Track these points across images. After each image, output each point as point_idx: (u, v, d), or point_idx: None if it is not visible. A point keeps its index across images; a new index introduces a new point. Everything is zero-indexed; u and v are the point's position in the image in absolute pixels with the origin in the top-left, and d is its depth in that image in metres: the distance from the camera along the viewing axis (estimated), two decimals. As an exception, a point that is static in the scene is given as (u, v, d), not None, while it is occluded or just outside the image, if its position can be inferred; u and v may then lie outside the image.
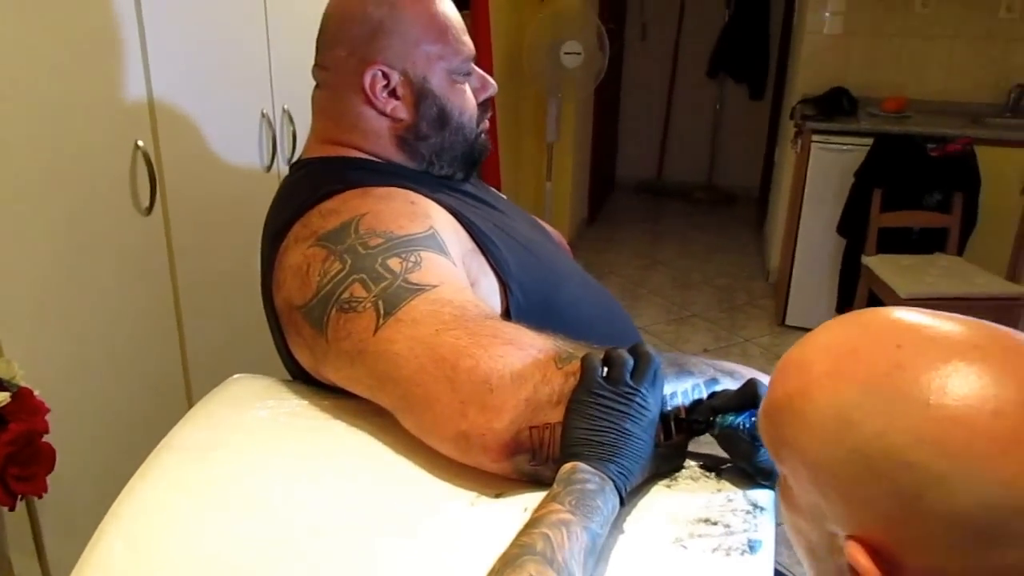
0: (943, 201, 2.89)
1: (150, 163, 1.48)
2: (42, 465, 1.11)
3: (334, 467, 0.82)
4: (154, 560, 0.74)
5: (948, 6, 3.46)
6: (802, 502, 0.53)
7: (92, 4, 1.33)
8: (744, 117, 5.40)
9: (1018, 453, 0.43)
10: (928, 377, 0.46)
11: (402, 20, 0.99)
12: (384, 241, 0.85)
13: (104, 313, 1.43)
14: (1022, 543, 0.43)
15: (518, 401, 0.74)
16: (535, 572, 0.60)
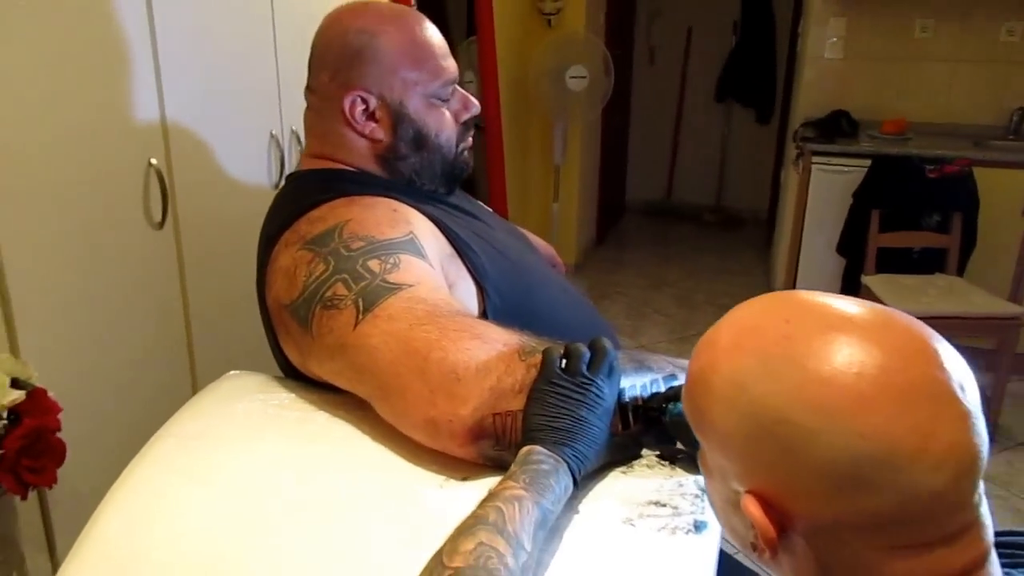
0: (942, 222, 2.93)
1: (162, 180, 1.56)
2: (52, 459, 1.18)
3: (315, 453, 0.89)
4: (146, 535, 0.81)
5: (948, 30, 3.52)
6: (713, 466, 0.59)
7: (108, 31, 1.42)
8: (752, 140, 5.47)
9: (875, 410, 0.49)
10: (807, 346, 0.52)
11: (379, 48, 1.06)
12: (365, 244, 0.92)
13: (117, 320, 1.50)
14: (881, 490, 0.48)
15: (482, 390, 0.81)
16: (485, 539, 0.66)
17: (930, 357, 0.51)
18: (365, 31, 1.06)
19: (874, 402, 0.49)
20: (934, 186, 2.91)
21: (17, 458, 1.13)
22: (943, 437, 0.49)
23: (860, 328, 0.52)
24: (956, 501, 0.50)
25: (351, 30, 1.07)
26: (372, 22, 1.07)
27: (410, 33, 1.08)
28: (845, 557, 0.51)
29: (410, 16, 1.11)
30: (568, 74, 3.60)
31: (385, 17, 1.08)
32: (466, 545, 0.66)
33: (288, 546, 0.78)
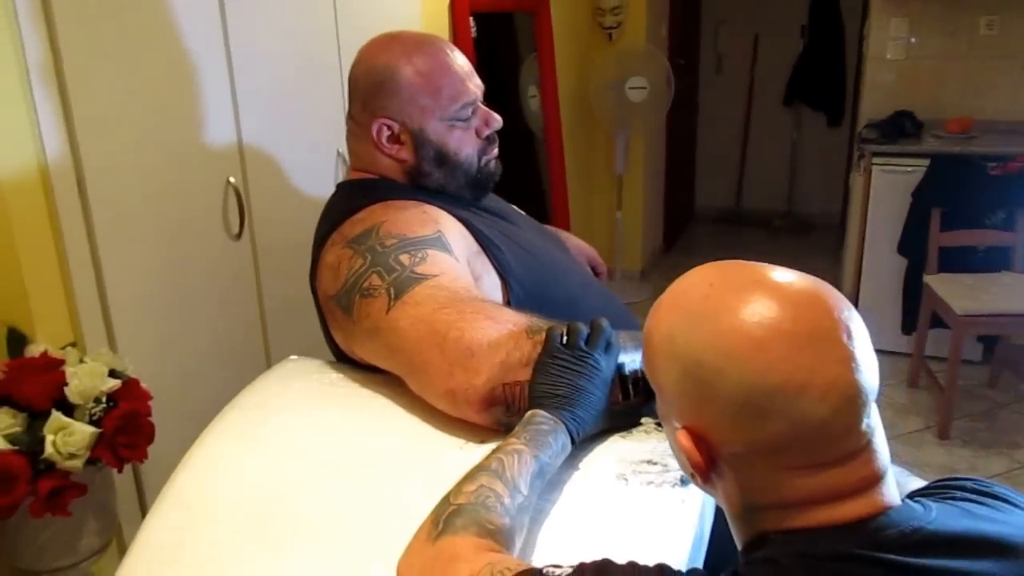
0: (1007, 219, 2.89)
1: (239, 196, 1.74)
2: (143, 437, 1.35)
3: (356, 421, 1.03)
4: (213, 485, 0.96)
5: (1015, 28, 3.45)
6: (662, 411, 0.69)
7: (191, 66, 1.61)
8: (822, 144, 5.43)
9: (769, 351, 0.58)
10: (721, 303, 0.62)
11: (399, 81, 1.19)
12: (397, 242, 1.05)
13: (200, 320, 1.69)
14: (777, 418, 0.58)
15: (493, 364, 0.93)
16: (485, 482, 0.78)
17: (821, 310, 0.61)
18: (387, 66, 1.20)
19: (768, 345, 0.59)
20: (997, 183, 2.87)
21: (114, 436, 1.31)
22: (826, 374, 0.58)
23: (767, 288, 0.62)
24: (842, 428, 0.59)
25: (375, 65, 1.21)
26: (393, 56, 1.20)
27: (428, 64, 1.19)
28: (758, 478, 0.61)
29: (431, 46, 1.22)
30: (628, 85, 3.70)
31: (407, 50, 1.21)
32: (468, 487, 0.78)
33: (332, 495, 0.92)
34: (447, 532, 0.73)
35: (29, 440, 1.27)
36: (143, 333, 1.56)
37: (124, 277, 1.51)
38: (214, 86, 1.67)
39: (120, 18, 1.45)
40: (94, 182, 1.44)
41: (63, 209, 1.41)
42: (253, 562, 0.87)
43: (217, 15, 1.65)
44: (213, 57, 1.65)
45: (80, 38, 1.38)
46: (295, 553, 0.87)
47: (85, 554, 1.41)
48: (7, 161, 1.32)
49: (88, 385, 1.32)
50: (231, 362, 1.76)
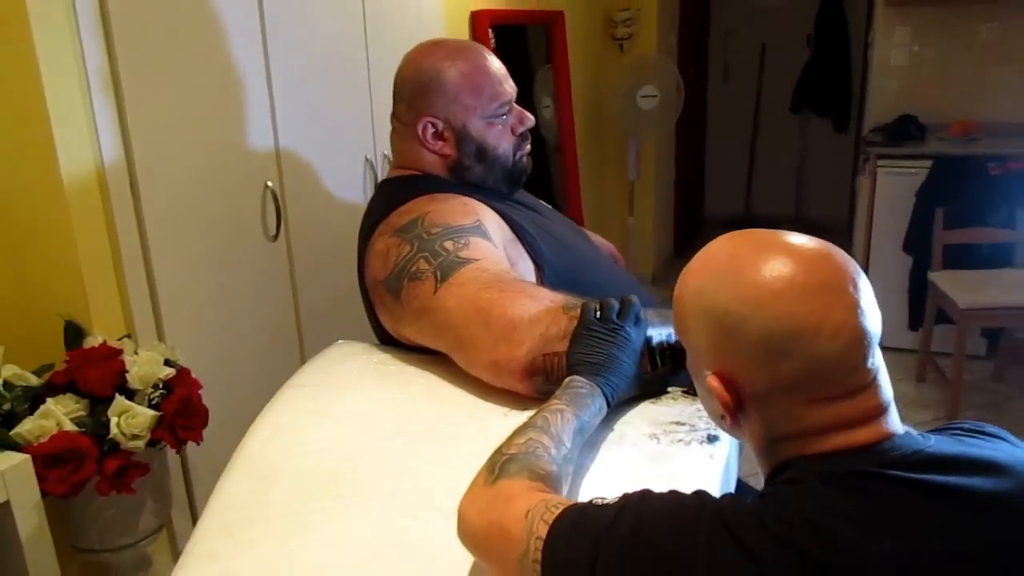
0: (1008, 217, 2.97)
1: (277, 199, 1.85)
2: (199, 420, 1.45)
3: (407, 394, 1.12)
4: (279, 453, 1.05)
5: (1014, 32, 3.55)
6: (693, 365, 0.78)
7: (234, 76, 1.72)
8: (829, 150, 5.52)
9: (786, 300, 0.68)
10: (744, 262, 0.71)
11: (444, 82, 1.29)
12: (442, 230, 1.15)
13: (241, 316, 1.79)
14: (795, 357, 0.67)
15: (534, 336, 1.02)
16: (533, 436, 0.87)
17: (830, 265, 0.70)
18: (433, 68, 1.31)
19: (785, 295, 0.68)
20: (998, 183, 2.96)
21: (173, 419, 1.40)
22: (836, 318, 0.68)
23: (782, 248, 0.71)
24: (850, 365, 0.68)
25: (422, 68, 1.32)
26: (438, 60, 1.31)
27: (470, 66, 1.31)
28: (779, 412, 0.70)
29: (471, 51, 1.34)
30: (639, 94, 3.80)
31: (450, 54, 1.32)
32: (518, 439, 0.87)
33: (388, 459, 1.01)
34: (503, 476, 0.82)
35: (92, 424, 1.37)
36: (189, 327, 1.66)
37: (172, 274, 1.61)
38: (254, 95, 1.77)
39: (170, 31, 1.56)
40: (145, 184, 1.54)
41: (118, 209, 1.51)
42: (324, 514, 0.96)
43: (258, 30, 1.76)
44: (253, 69, 1.76)
45: (134, 49, 1.48)
46: (361, 506, 0.96)
47: (144, 533, 1.50)
48: (69, 163, 1.42)
49: (147, 372, 1.41)
50: (268, 356, 1.86)
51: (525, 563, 0.73)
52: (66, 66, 1.41)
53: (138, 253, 1.56)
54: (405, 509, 0.95)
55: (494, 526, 0.78)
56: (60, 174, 1.42)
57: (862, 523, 0.63)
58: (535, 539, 0.73)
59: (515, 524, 0.76)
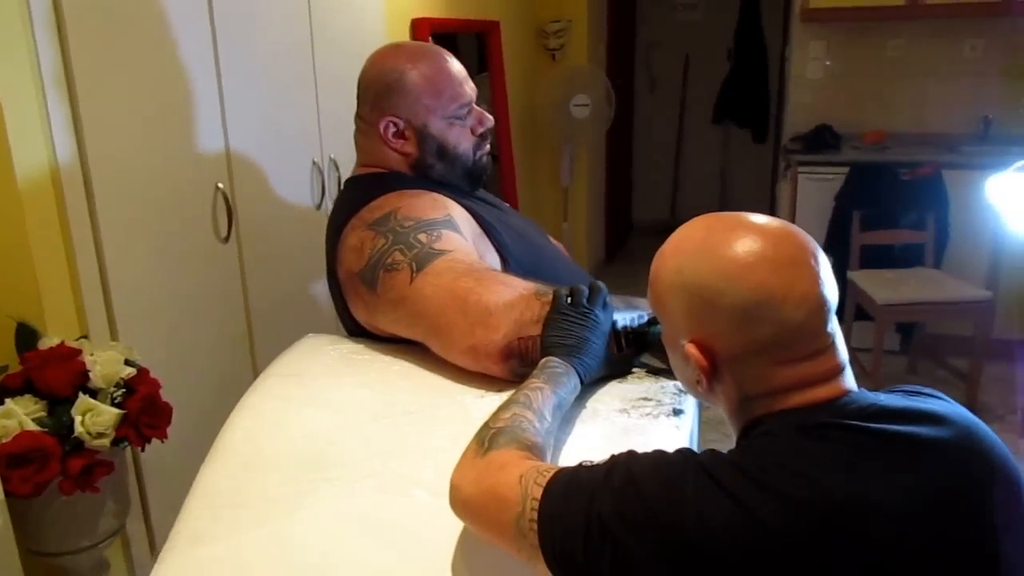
0: (918, 220, 3.19)
1: (228, 201, 1.85)
2: (163, 418, 1.45)
3: (384, 380, 1.17)
4: (262, 440, 1.08)
5: (918, 48, 3.82)
6: (669, 337, 0.86)
7: (187, 80, 1.73)
8: (749, 159, 5.77)
9: (757, 272, 0.76)
10: (718, 240, 0.79)
11: (405, 83, 1.35)
12: (415, 223, 1.20)
13: (192, 318, 1.79)
14: (765, 323, 0.76)
15: (510, 321, 1.08)
16: (518, 411, 0.93)
17: (794, 242, 0.79)
18: (395, 69, 1.36)
19: (757, 268, 0.76)
20: (909, 188, 3.18)
21: (138, 416, 1.40)
22: (800, 288, 0.76)
23: (751, 228, 0.80)
24: (812, 330, 0.77)
25: (384, 69, 1.37)
26: (400, 62, 1.37)
27: (431, 68, 1.36)
28: (751, 374, 0.78)
29: (433, 53, 1.39)
30: (572, 103, 3.91)
31: (412, 56, 1.37)
32: (504, 414, 0.93)
33: (371, 441, 1.05)
34: (493, 448, 0.87)
35: (53, 424, 1.36)
36: (141, 328, 1.65)
37: (125, 275, 1.60)
38: (205, 97, 1.78)
39: (123, 32, 1.56)
40: (99, 185, 1.53)
41: (72, 210, 1.50)
42: (311, 495, 1.00)
43: (208, 34, 1.77)
44: (204, 71, 1.77)
45: (88, 49, 1.48)
46: (348, 487, 1.00)
47: (104, 535, 1.49)
48: (23, 164, 1.41)
49: (110, 371, 1.41)
50: (219, 357, 1.87)
51: (522, 523, 0.79)
52: (20, 65, 1.40)
53: (92, 254, 1.55)
54: (391, 487, 1.00)
55: (489, 492, 0.83)
56: (14, 173, 1.40)
57: (829, 466, 0.72)
58: (531, 500, 0.79)
59: (510, 489, 0.81)
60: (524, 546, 0.79)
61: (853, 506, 0.69)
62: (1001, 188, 1.06)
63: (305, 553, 0.96)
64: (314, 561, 0.95)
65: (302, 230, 2.19)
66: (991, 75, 3.73)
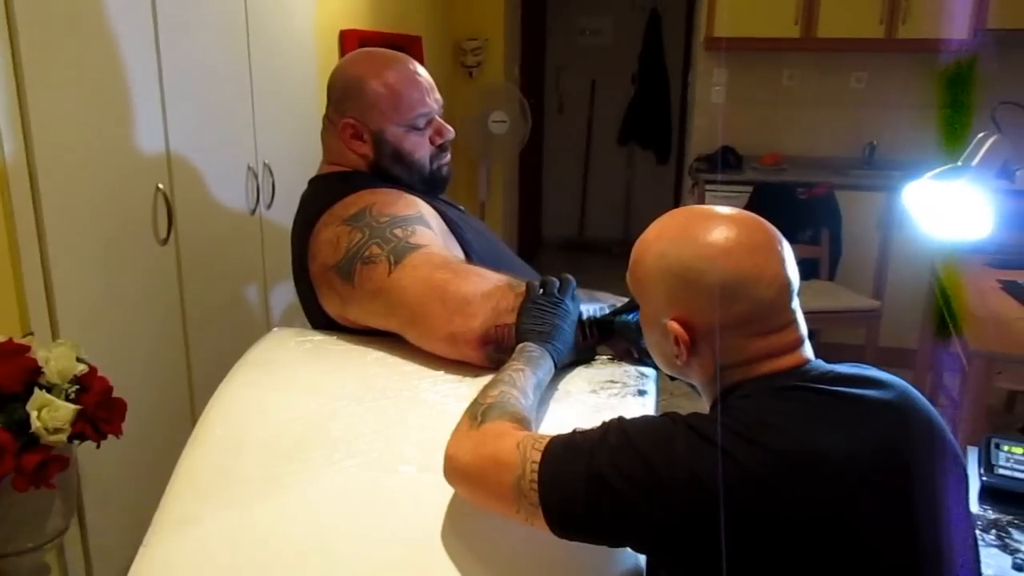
0: (813, 235, 3.46)
1: (168, 201, 1.85)
2: (118, 413, 1.44)
3: (357, 366, 1.22)
4: (244, 426, 1.12)
5: (808, 78, 4.14)
6: (648, 315, 0.96)
7: (130, 83, 1.73)
8: (653, 179, 6.04)
9: (734, 256, 0.87)
10: (698, 228, 0.90)
11: (364, 89, 1.41)
12: (389, 219, 1.26)
13: (131, 319, 1.77)
14: (741, 300, 0.87)
15: (487, 310, 1.16)
16: (504, 388, 1.00)
17: (763, 230, 0.91)
18: (357, 76, 1.42)
19: (734, 252, 0.87)
20: (805, 206, 3.44)
21: (95, 411, 1.39)
22: (770, 269, 0.88)
23: (726, 218, 0.91)
24: (780, 306, 0.89)
25: (347, 74, 1.44)
26: (363, 69, 1.43)
27: (393, 76, 1.42)
28: (727, 347, 0.88)
29: (396, 63, 1.45)
30: (490, 119, 4.02)
31: (376, 64, 1.43)
32: (492, 391, 1.00)
33: (352, 423, 1.10)
34: (487, 420, 0.94)
35: (4, 420, 1.33)
36: (82, 329, 1.63)
37: (67, 275, 1.59)
38: (147, 100, 1.78)
39: (71, 35, 1.56)
40: (45, 184, 1.52)
41: (18, 209, 1.48)
42: (299, 475, 1.04)
43: (152, 39, 1.78)
44: (147, 75, 1.77)
45: (37, 49, 1.47)
46: (334, 466, 1.05)
47: (50, 535, 1.46)
48: (-29, 161, 1.39)
49: (65, 367, 1.40)
50: (155, 359, 1.86)
51: (522, 484, 0.86)
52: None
53: (36, 252, 1.53)
54: (378, 464, 1.05)
55: (488, 459, 0.90)
56: (-37, 171, 1.38)
57: (800, 421, 0.83)
58: (530, 463, 0.87)
59: (508, 455, 0.89)
60: (524, 506, 0.87)
61: (821, 454, 0.81)
62: (916, 194, 1.22)
63: (296, 528, 1.00)
64: (306, 535, 0.99)
65: (237, 233, 2.19)
66: (875, 105, 4.08)
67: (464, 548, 0.96)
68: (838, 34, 3.76)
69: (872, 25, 3.70)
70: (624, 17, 5.88)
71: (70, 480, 1.49)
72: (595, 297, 1.27)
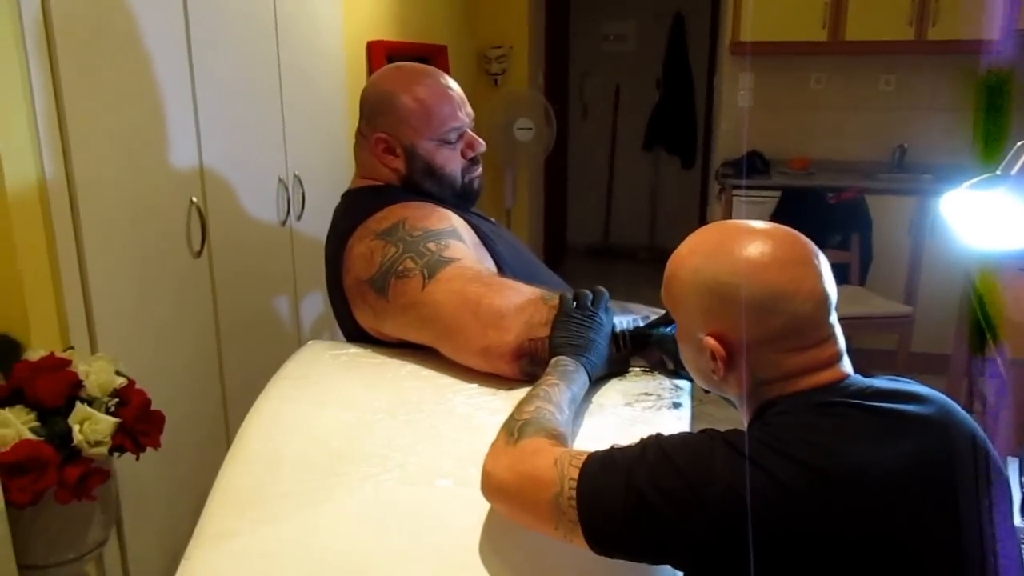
0: (843, 240, 3.43)
1: (202, 215, 1.88)
2: (157, 426, 1.47)
3: (392, 380, 1.23)
4: (281, 440, 1.13)
5: (836, 81, 4.10)
6: (684, 330, 0.96)
7: (160, 99, 1.76)
8: (678, 184, 6.02)
9: (769, 271, 0.87)
10: (733, 244, 0.90)
11: (396, 104, 1.42)
12: (423, 233, 1.27)
13: (167, 330, 1.80)
14: (777, 314, 0.86)
15: (520, 323, 1.16)
16: (540, 404, 1.01)
17: (799, 244, 0.90)
18: (389, 91, 1.44)
19: (770, 267, 0.87)
20: (834, 211, 3.42)
21: (135, 424, 1.42)
22: (807, 283, 0.88)
23: (761, 233, 0.91)
24: (817, 320, 0.88)
25: (380, 89, 1.45)
26: (395, 84, 1.44)
27: (425, 91, 1.43)
28: (764, 362, 0.88)
29: (427, 78, 1.45)
30: (516, 126, 4.04)
31: (407, 79, 1.44)
32: (527, 407, 1.00)
33: (388, 437, 1.11)
34: (524, 436, 0.95)
35: (47, 433, 1.36)
36: (119, 343, 1.66)
37: (105, 290, 1.62)
38: (180, 115, 1.81)
39: (107, 53, 1.59)
40: (84, 200, 1.55)
41: (58, 225, 1.51)
42: (336, 489, 1.05)
43: (185, 54, 1.81)
44: (180, 89, 1.80)
45: (75, 68, 1.50)
46: (371, 480, 1.05)
47: (91, 546, 1.49)
48: (13, 178, 1.42)
49: (105, 380, 1.43)
50: (190, 372, 1.89)
51: (560, 501, 0.87)
52: (12, 82, 1.41)
53: (75, 267, 1.57)
54: (415, 479, 1.06)
55: (525, 476, 0.90)
56: (4, 188, 1.41)
57: (839, 437, 0.82)
58: (568, 480, 0.87)
59: (546, 471, 0.89)
60: (562, 523, 0.87)
61: (861, 471, 0.80)
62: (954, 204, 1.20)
63: (334, 542, 1.01)
64: (343, 550, 1.00)
65: (268, 245, 2.22)
66: (904, 108, 4.04)
67: (502, 563, 0.96)
68: (866, 36, 3.73)
69: (901, 27, 3.66)
70: (648, 22, 5.87)
71: (110, 492, 1.52)
72: (627, 309, 1.27)
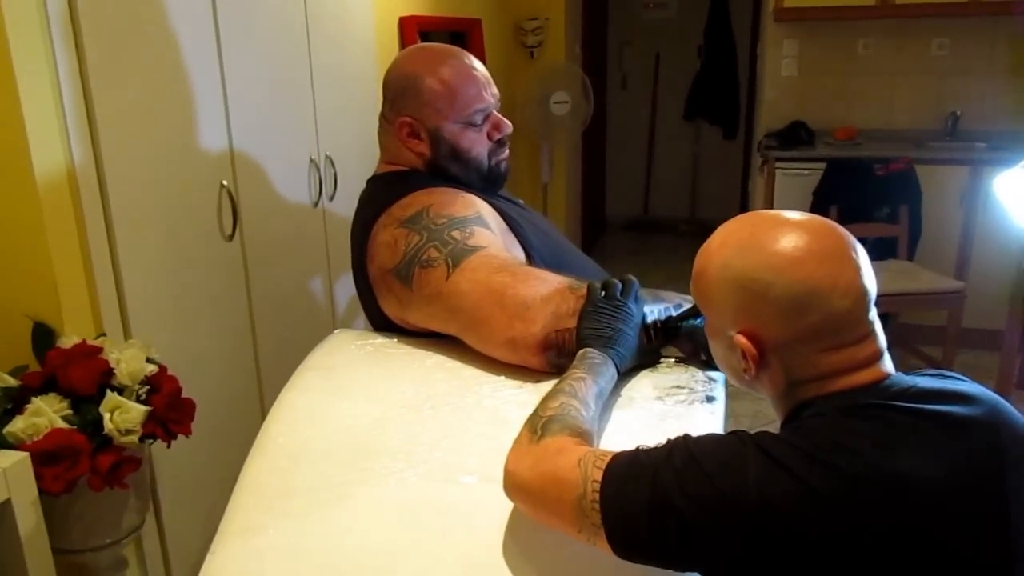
0: (891, 213, 3.30)
1: (232, 198, 1.87)
2: (187, 413, 1.47)
3: (418, 371, 1.20)
4: (306, 433, 1.11)
5: (886, 47, 3.94)
6: (714, 328, 0.91)
7: (189, 82, 1.74)
8: (720, 155, 5.88)
9: (804, 266, 0.82)
10: (764, 237, 0.85)
11: (420, 87, 1.38)
12: (447, 220, 1.24)
13: (199, 316, 1.80)
14: (814, 312, 0.81)
15: (547, 314, 1.12)
16: (565, 400, 0.97)
17: (836, 236, 0.85)
18: (412, 73, 1.39)
19: (804, 261, 0.82)
20: (882, 182, 3.29)
21: (165, 412, 1.42)
22: (845, 279, 0.82)
23: (795, 225, 0.85)
24: (856, 318, 0.83)
25: (403, 71, 1.41)
26: (418, 66, 1.40)
27: (449, 72, 1.38)
28: (799, 361, 0.84)
29: (451, 58, 1.41)
30: (552, 100, 3.96)
31: (431, 60, 1.40)
32: (552, 403, 0.97)
33: (414, 431, 1.09)
34: (547, 434, 0.92)
35: (79, 421, 1.37)
36: (152, 327, 1.67)
37: (137, 275, 1.62)
38: (209, 98, 1.79)
39: (133, 37, 1.58)
40: (113, 185, 1.55)
41: (88, 210, 1.51)
42: (360, 485, 1.03)
43: (213, 37, 1.79)
44: (208, 72, 1.79)
45: (101, 53, 1.49)
46: (395, 475, 1.03)
47: (126, 531, 1.51)
48: (42, 165, 1.42)
49: (135, 368, 1.43)
50: (223, 355, 1.89)
51: (583, 504, 0.84)
52: (39, 68, 1.41)
53: (106, 253, 1.57)
54: (440, 475, 1.04)
55: (548, 476, 0.87)
56: (34, 176, 1.41)
57: (878, 442, 0.78)
58: (591, 482, 0.84)
59: (569, 472, 0.86)
60: (586, 526, 0.84)
61: (901, 478, 0.76)
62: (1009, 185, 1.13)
63: (359, 539, 1.00)
64: (368, 546, 0.99)
65: (301, 227, 2.21)
66: (957, 73, 3.86)
67: (528, 563, 0.94)
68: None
69: (955, -13, 3.50)
70: (689, -11, 5.72)
71: (143, 479, 1.53)
72: (659, 297, 1.22)
